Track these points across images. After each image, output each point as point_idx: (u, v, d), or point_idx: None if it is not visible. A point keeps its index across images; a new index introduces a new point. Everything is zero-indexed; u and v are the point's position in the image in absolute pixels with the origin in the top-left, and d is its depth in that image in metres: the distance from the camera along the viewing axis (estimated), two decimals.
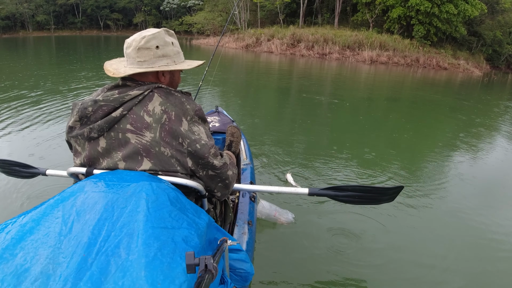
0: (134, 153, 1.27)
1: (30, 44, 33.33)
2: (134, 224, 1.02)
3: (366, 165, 4.58)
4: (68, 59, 17.95)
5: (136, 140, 1.27)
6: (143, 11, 61.96)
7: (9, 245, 0.94)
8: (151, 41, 1.35)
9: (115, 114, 1.27)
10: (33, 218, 1.02)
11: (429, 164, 4.92)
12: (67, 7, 61.60)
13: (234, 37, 31.72)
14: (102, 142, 1.31)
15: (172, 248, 1.01)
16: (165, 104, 1.30)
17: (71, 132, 1.35)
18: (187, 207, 1.16)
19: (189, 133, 1.32)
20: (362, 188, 1.87)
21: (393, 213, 3.39)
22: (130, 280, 0.91)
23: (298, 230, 2.99)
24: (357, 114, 8.25)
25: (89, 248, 0.95)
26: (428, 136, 6.72)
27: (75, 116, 1.31)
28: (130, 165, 1.28)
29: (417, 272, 2.63)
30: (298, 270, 2.51)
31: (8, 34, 56.41)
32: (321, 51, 25.01)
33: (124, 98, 1.29)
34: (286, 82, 13.25)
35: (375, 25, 28.40)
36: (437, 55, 24.64)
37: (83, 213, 1.03)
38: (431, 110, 9.54)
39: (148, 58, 1.36)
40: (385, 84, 14.82)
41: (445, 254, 2.87)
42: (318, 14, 33.43)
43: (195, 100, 1.49)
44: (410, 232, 3.16)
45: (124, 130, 1.28)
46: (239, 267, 1.27)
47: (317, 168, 4.36)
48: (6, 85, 9.20)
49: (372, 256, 2.76)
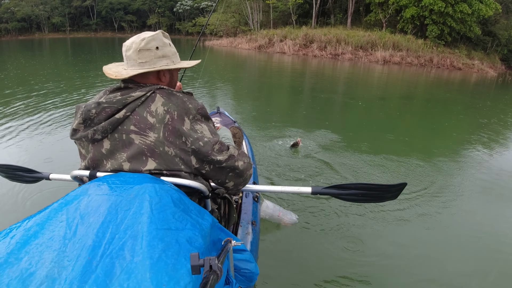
0: (139, 154, 1.29)
1: (46, 45, 33.85)
2: (138, 226, 1.02)
3: (378, 164, 4.54)
4: (84, 59, 18.21)
5: (140, 141, 1.29)
6: (157, 12, 62.49)
7: (14, 250, 0.94)
8: (151, 43, 1.38)
9: (119, 116, 1.29)
10: (37, 222, 1.02)
11: (443, 163, 4.82)
12: (82, 9, 62.57)
13: (247, 38, 31.82)
14: (106, 144, 1.32)
15: (177, 249, 1.01)
16: (167, 104, 1.32)
17: (75, 135, 1.36)
18: (191, 208, 1.16)
19: (191, 131, 1.33)
20: (365, 185, 1.84)
21: (400, 214, 3.34)
22: (135, 282, 0.91)
23: (302, 230, 2.98)
24: (370, 112, 8.20)
25: (94, 251, 0.95)
26: (444, 135, 6.63)
27: (78, 118, 1.33)
28: (135, 166, 1.29)
29: (427, 274, 2.58)
30: (302, 270, 2.50)
31: (24, 35, 57.66)
32: (333, 51, 24.89)
33: (127, 100, 1.30)
34: (299, 81, 13.28)
35: (388, 25, 28.15)
36: (451, 55, 24.30)
37: (87, 216, 1.03)
38: (445, 109, 9.43)
39: (149, 59, 1.39)
40: (399, 83, 14.70)
41: (456, 256, 2.83)
42: (331, 14, 33.28)
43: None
44: (419, 234, 3.11)
45: (128, 131, 1.30)
46: (243, 267, 1.26)
47: (328, 166, 4.33)
48: (23, 87, 9.36)
49: (377, 256, 2.73)
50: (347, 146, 5.23)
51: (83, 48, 30.56)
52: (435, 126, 7.32)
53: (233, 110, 7.34)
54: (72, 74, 12.99)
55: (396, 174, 4.29)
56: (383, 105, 9.52)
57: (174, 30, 63.64)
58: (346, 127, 6.64)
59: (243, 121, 6.39)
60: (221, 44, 34.38)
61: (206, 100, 8.59)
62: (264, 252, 2.63)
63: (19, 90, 8.86)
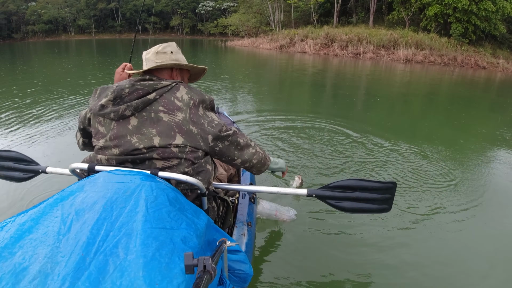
0: (168, 129, 1.47)
1: (72, 46, 34.61)
2: (133, 224, 1.02)
3: (399, 163, 4.42)
4: (108, 61, 18.56)
5: (169, 119, 1.48)
6: (179, 14, 63.20)
7: (8, 244, 0.95)
8: (166, 48, 1.69)
9: (150, 96, 1.49)
10: (32, 217, 1.03)
11: (470, 163, 4.67)
12: (107, 11, 64.00)
13: (268, 38, 31.80)
14: (133, 121, 1.49)
15: (171, 248, 1.01)
16: (190, 93, 1.56)
17: (103, 110, 1.49)
18: (186, 207, 1.16)
19: (205, 116, 1.57)
20: (357, 181, 1.88)
21: (410, 212, 3.24)
22: (128, 280, 0.91)
23: (298, 230, 2.90)
24: (393, 110, 8.04)
25: (88, 247, 0.96)
26: (471, 133, 6.42)
27: (109, 96, 1.49)
28: (165, 140, 1.46)
29: (432, 277, 2.48)
30: (298, 271, 2.43)
31: (51, 37, 59.45)
32: (355, 50, 24.58)
33: (157, 86, 1.52)
34: (320, 79, 13.19)
35: (411, 24, 27.64)
36: (476, 53, 23.61)
37: (82, 212, 1.04)
38: (471, 107, 9.15)
39: (164, 60, 1.66)
40: (422, 81, 14.39)
41: (467, 256, 2.71)
42: (352, 13, 32.92)
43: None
44: (421, 233, 2.99)
45: (157, 110, 1.49)
46: (238, 268, 1.26)
47: (345, 165, 4.27)
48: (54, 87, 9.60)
49: (375, 255, 2.64)
50: (360, 144, 5.12)
51: (107, 49, 31.10)
52: (460, 124, 7.10)
53: (253, 108, 7.36)
54: (96, 72, 13.29)
55: (416, 171, 4.17)
56: (406, 102, 9.33)
57: (197, 31, 64.27)
58: (365, 124, 6.44)
59: (266, 120, 6.37)
60: (243, 44, 34.44)
61: (225, 97, 8.60)
62: (259, 253, 2.59)
63: (47, 89, 9.08)
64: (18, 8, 57.43)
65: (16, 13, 57.17)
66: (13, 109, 6.91)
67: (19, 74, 13.37)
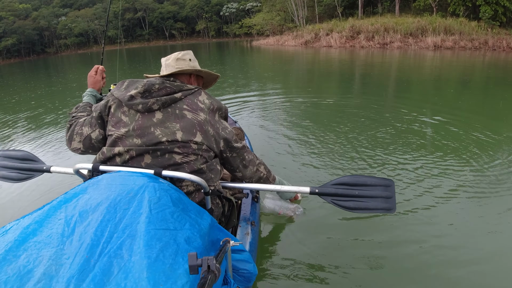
0: (191, 126, 1.58)
1: (104, 56, 35.49)
2: (136, 225, 1.02)
3: (433, 153, 4.20)
4: (139, 69, 19.01)
5: (193, 117, 1.60)
6: (204, 18, 63.86)
7: (12, 247, 0.96)
8: (185, 55, 1.85)
9: (177, 95, 1.61)
10: (36, 219, 1.05)
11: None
12: (134, 21, 65.64)
13: (293, 35, 31.58)
14: (158, 115, 1.58)
15: (175, 249, 1.01)
16: (210, 99, 1.70)
17: (131, 100, 1.59)
18: (190, 207, 1.15)
19: (220, 122, 1.71)
20: (358, 176, 1.98)
21: (408, 209, 3.01)
22: (132, 281, 0.91)
23: (303, 229, 2.78)
24: (426, 97, 7.77)
25: (92, 249, 0.96)
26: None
27: (139, 88, 1.60)
28: (187, 136, 1.56)
29: (442, 277, 2.27)
30: (303, 269, 2.35)
31: (82, 49, 61.62)
32: (381, 41, 24.01)
33: (183, 87, 1.65)
34: (348, 70, 13.04)
35: (438, 9, 26.71)
36: (508, 36, 22.53)
37: (86, 214, 1.05)
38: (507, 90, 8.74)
39: (183, 66, 1.81)
40: (454, 66, 13.89)
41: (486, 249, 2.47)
42: (377, 3, 32.21)
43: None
44: (431, 230, 2.74)
45: (181, 108, 1.61)
46: (242, 268, 1.25)
47: (374, 158, 4.13)
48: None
49: (385, 252, 2.48)
50: (397, 135, 4.91)
51: (138, 57, 31.76)
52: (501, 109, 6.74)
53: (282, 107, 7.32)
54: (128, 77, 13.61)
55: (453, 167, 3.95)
56: (439, 87, 9.02)
57: (222, 33, 64.74)
58: (384, 118, 6.22)
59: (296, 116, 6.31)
60: (268, 43, 34.36)
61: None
62: (263, 252, 2.53)
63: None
64: (49, 24, 59.94)
65: (48, 28, 59.71)
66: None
67: (55, 85, 13.96)
